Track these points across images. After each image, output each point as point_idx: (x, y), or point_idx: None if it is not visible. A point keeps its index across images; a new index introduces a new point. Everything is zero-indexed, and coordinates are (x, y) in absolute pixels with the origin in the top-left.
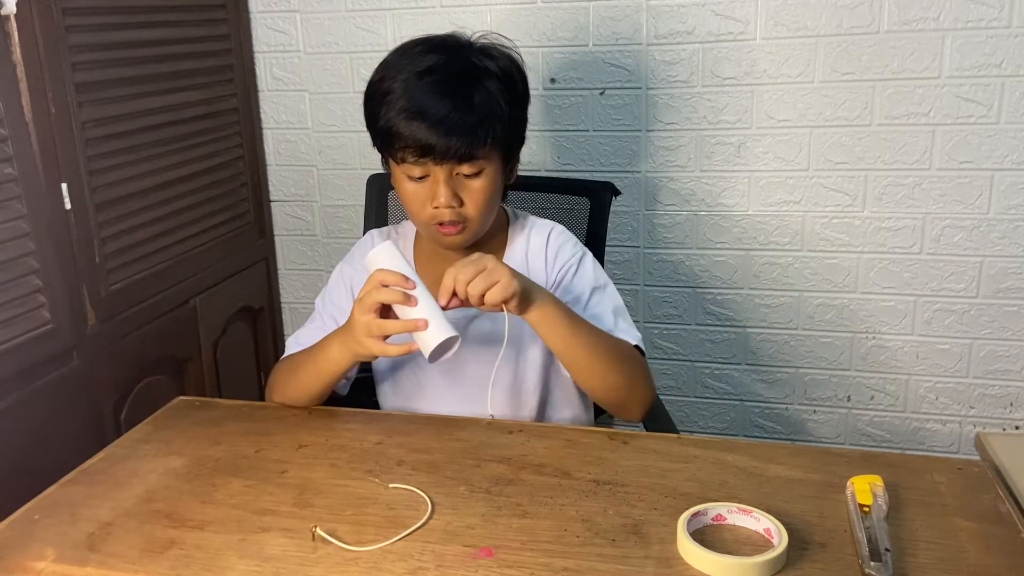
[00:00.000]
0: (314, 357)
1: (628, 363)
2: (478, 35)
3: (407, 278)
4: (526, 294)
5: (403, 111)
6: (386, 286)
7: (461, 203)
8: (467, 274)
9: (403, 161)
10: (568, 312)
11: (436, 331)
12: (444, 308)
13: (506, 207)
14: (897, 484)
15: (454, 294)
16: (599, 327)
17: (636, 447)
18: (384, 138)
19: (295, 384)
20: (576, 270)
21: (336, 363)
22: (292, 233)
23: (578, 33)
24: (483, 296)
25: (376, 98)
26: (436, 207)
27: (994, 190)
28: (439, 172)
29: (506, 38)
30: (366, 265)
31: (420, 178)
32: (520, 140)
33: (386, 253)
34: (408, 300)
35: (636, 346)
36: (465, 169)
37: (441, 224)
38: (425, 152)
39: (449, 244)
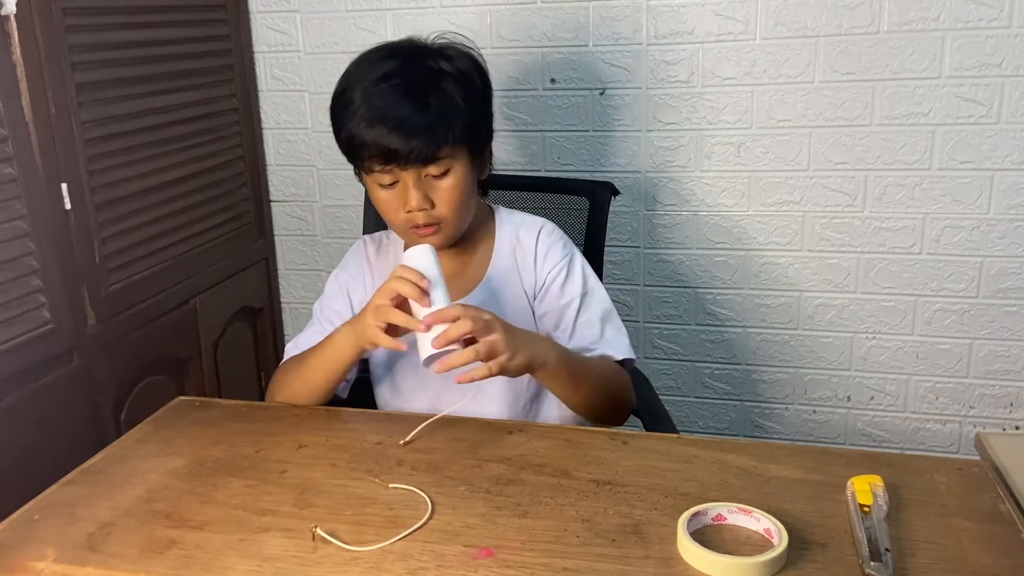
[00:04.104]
0: (321, 347)
1: (613, 387)
2: (435, 35)
3: (423, 276)
4: (525, 367)
5: (364, 119)
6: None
7: (432, 204)
8: (464, 328)
9: (371, 171)
10: (563, 360)
11: (431, 340)
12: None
13: (490, 204)
14: (897, 484)
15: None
16: (587, 336)
17: (636, 447)
18: (349, 148)
19: (300, 380)
20: (566, 274)
21: (342, 349)
22: (292, 233)
23: (578, 33)
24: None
25: (339, 110)
26: (408, 211)
27: (994, 190)
28: (407, 176)
29: (465, 37)
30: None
31: (390, 185)
32: (487, 136)
33: (419, 253)
34: (422, 298)
35: (622, 359)
36: (432, 170)
37: (416, 227)
38: (389, 158)
39: None
